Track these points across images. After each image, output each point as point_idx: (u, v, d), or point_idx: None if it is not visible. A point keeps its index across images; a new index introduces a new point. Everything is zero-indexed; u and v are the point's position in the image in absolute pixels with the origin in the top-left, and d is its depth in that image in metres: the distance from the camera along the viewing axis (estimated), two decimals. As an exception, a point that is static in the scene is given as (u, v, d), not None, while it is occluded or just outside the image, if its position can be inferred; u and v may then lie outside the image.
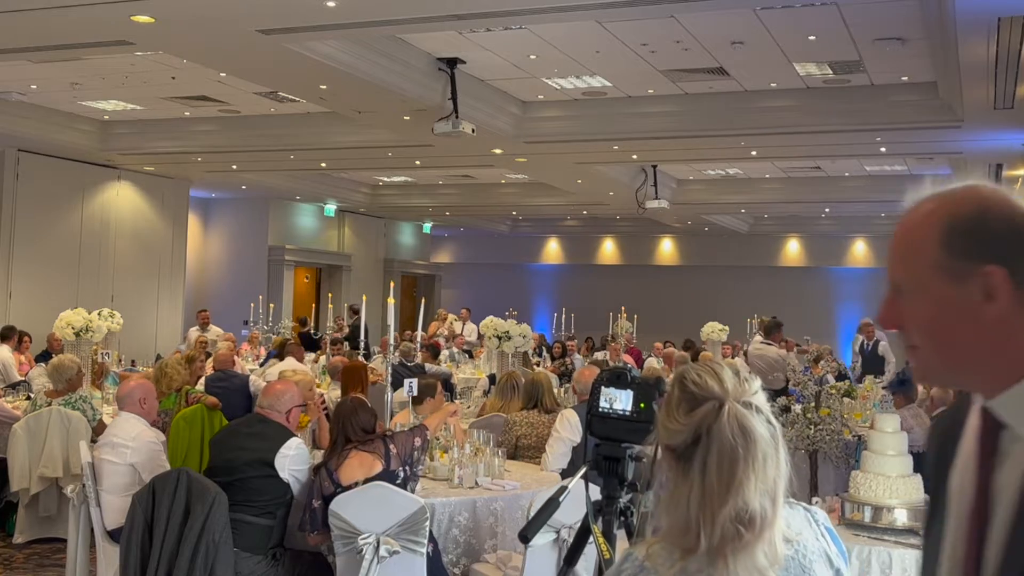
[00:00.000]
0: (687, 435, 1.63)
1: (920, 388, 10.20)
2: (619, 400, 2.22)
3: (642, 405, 2.19)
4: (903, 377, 8.18)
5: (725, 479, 1.59)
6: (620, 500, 2.17)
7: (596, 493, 2.34)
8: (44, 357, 9.91)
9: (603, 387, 2.23)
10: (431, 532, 4.52)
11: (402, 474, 4.50)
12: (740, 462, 1.59)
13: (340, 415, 4.66)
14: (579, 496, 2.36)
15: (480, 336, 15.35)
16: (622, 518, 2.15)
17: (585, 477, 2.28)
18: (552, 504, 2.37)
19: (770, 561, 1.61)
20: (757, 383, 1.69)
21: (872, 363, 13.14)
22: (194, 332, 14.13)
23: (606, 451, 2.18)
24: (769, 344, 11.10)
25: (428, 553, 4.48)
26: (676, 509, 1.63)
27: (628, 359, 12.80)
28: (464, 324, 16.75)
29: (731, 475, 1.59)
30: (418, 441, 4.67)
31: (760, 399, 1.67)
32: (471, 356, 14.31)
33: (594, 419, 2.23)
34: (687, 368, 1.72)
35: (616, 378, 2.21)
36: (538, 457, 6.14)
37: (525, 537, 2.46)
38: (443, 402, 6.68)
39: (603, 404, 2.24)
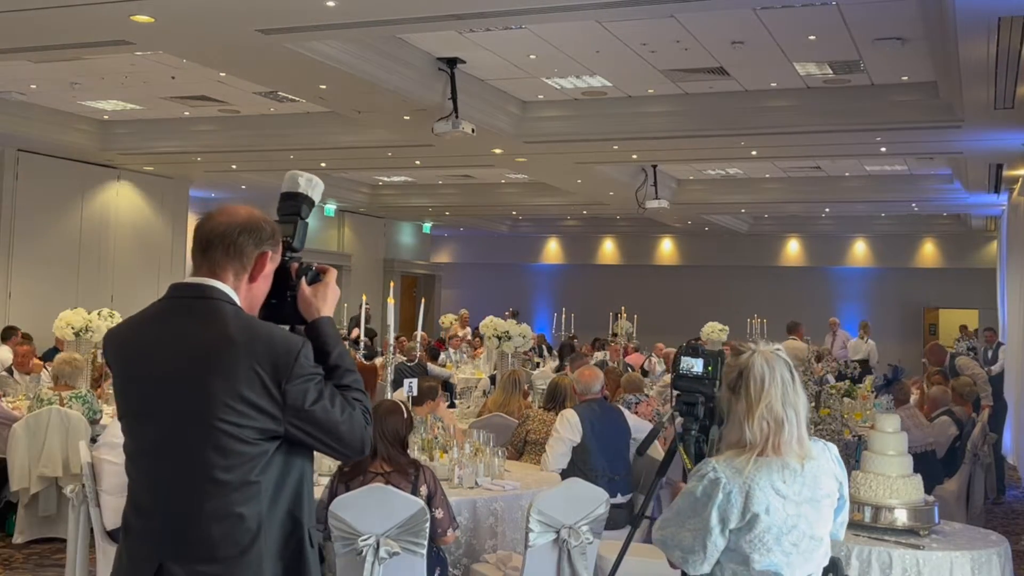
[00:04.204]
0: (735, 373, 2.66)
1: (920, 389, 10.19)
2: (695, 366, 3.13)
3: (709, 368, 3.14)
4: (890, 378, 8.19)
5: (757, 391, 2.60)
6: (693, 432, 3.13)
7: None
8: (51, 354, 9.87)
9: (683, 356, 3.15)
10: (439, 548, 4.52)
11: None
12: (766, 381, 2.60)
13: (373, 417, 4.59)
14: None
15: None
16: (695, 445, 3.10)
17: (672, 417, 3.33)
18: (654, 430, 3.86)
19: (800, 456, 2.61)
20: (781, 347, 2.73)
21: None
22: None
23: (685, 399, 3.12)
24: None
25: (443, 557, 4.49)
26: (733, 424, 2.64)
27: (632, 360, 12.81)
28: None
29: (761, 389, 2.60)
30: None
31: (782, 353, 2.68)
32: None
33: (678, 378, 3.16)
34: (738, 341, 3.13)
35: (692, 350, 3.15)
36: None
37: (639, 452, 4.08)
38: (442, 404, 6.69)
39: (683, 368, 3.14)
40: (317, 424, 2.27)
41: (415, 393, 6.22)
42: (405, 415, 4.68)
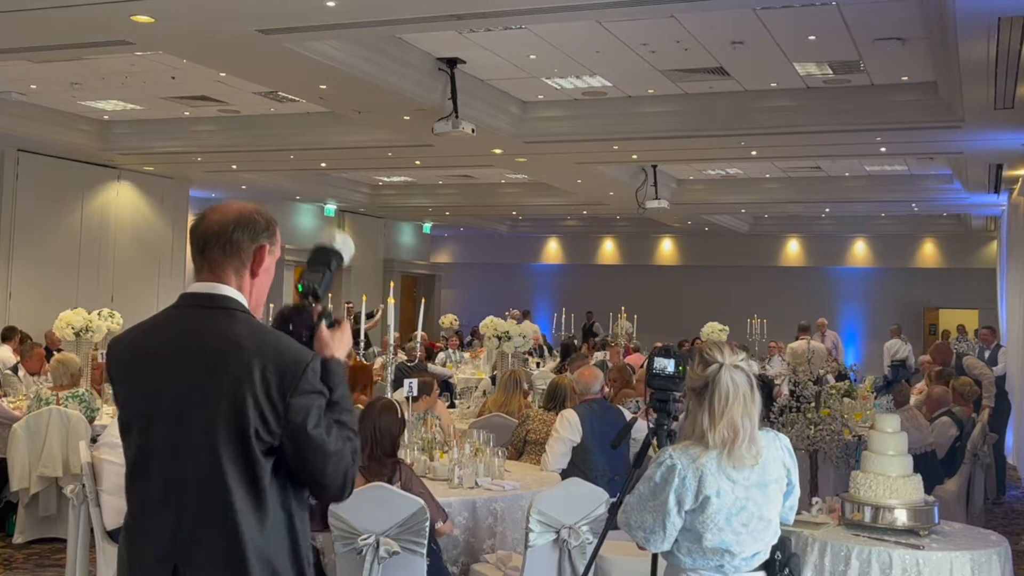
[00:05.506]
0: (701, 382, 2.91)
1: (919, 390, 10.19)
2: (668, 366, 3.33)
3: (680, 368, 3.33)
4: (889, 378, 8.20)
5: (722, 407, 2.87)
6: (665, 426, 3.35)
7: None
8: (49, 355, 9.88)
9: (656, 357, 3.34)
10: (432, 535, 4.51)
11: None
12: (730, 398, 2.87)
13: (365, 416, 4.61)
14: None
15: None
16: (668, 438, 3.33)
17: (646, 412, 3.53)
18: (627, 426, 4.16)
19: (752, 456, 2.90)
20: (744, 354, 2.95)
21: None
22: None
23: (658, 396, 3.35)
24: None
25: (435, 548, 4.48)
26: (695, 425, 2.91)
27: (632, 359, 12.81)
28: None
29: (725, 404, 2.87)
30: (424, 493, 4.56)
31: (745, 364, 2.92)
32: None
33: (652, 377, 3.36)
34: (705, 344, 3.13)
35: (665, 351, 3.35)
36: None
37: (613, 445, 4.23)
38: (437, 400, 6.71)
39: (656, 368, 3.33)
40: (307, 448, 2.24)
41: (415, 393, 6.22)
42: (399, 415, 4.69)
